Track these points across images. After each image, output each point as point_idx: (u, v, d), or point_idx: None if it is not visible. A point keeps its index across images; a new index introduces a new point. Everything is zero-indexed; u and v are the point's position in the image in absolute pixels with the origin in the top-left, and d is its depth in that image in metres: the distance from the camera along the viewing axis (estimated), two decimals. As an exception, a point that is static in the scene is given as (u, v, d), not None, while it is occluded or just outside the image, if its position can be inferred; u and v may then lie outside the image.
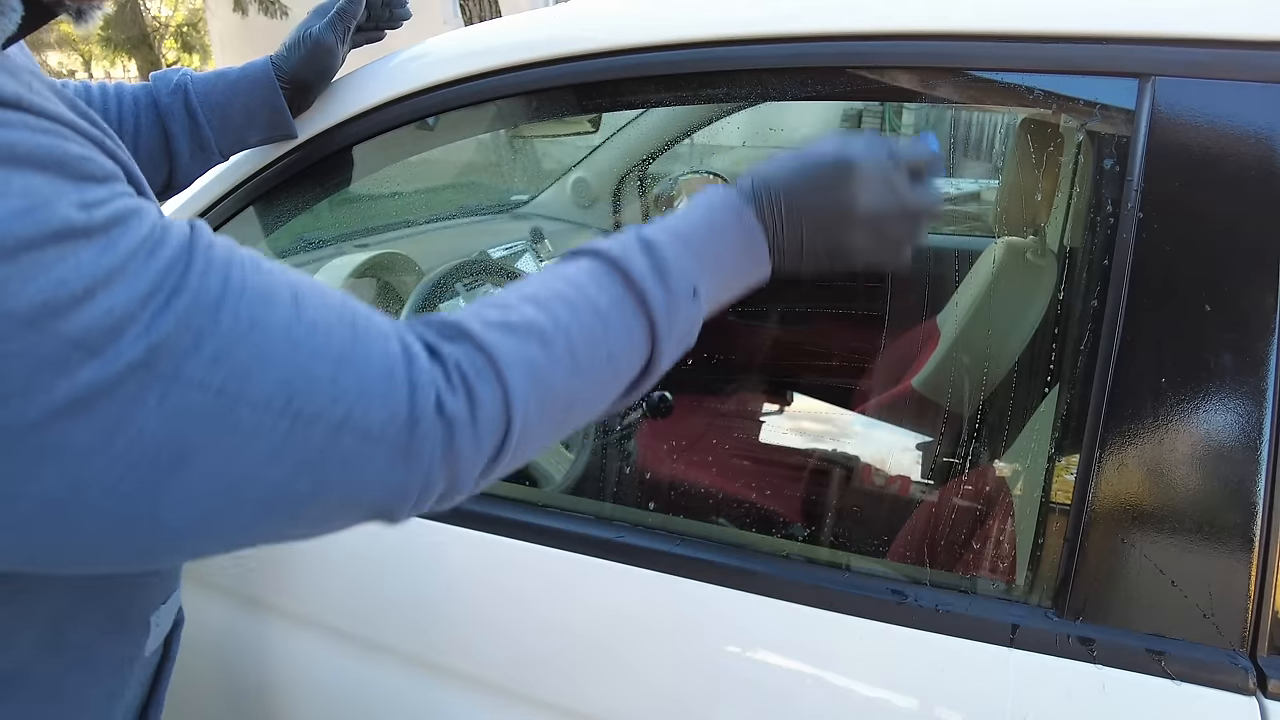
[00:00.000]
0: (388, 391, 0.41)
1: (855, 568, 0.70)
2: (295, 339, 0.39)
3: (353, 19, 0.85)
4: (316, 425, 0.39)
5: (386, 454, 0.41)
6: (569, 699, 0.74)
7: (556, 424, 0.49)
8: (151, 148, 0.83)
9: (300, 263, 1.37)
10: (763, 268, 0.57)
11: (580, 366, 0.48)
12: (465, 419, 0.43)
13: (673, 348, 0.53)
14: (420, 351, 0.44)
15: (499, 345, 0.45)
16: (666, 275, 0.51)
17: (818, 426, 1.38)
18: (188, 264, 0.38)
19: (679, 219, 0.56)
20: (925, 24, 0.64)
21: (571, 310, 0.49)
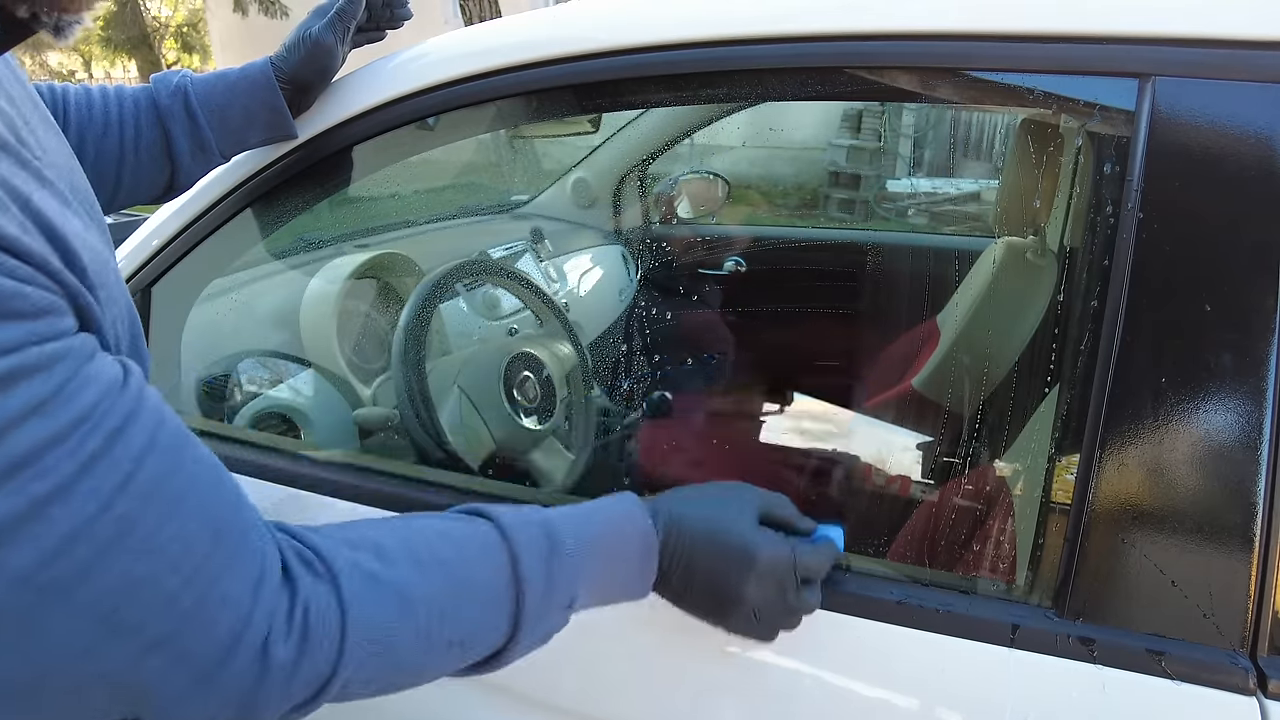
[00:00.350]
0: (219, 619, 0.40)
1: (855, 568, 0.70)
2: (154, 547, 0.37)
3: (352, 19, 0.85)
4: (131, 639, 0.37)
5: (188, 682, 0.39)
6: (568, 699, 0.74)
7: (377, 688, 0.48)
8: (153, 150, 0.83)
9: (300, 263, 1.37)
10: (642, 592, 0.60)
11: (430, 646, 0.48)
12: (286, 668, 0.42)
13: (524, 648, 0.54)
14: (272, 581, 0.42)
15: (356, 601, 0.44)
16: (553, 582, 0.52)
17: (817, 426, 1.38)
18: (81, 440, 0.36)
19: (594, 523, 0.57)
20: (925, 24, 0.64)
21: (447, 587, 0.48)
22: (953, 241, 2.10)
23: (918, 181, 3.32)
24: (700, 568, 0.59)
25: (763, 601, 0.59)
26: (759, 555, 0.59)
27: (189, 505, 0.40)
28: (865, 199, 3.59)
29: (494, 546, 0.52)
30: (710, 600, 0.60)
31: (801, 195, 3.90)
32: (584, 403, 1.31)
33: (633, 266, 1.96)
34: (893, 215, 3.30)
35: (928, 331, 1.50)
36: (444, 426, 1.07)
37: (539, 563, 0.52)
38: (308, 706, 0.44)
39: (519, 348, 1.26)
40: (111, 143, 0.80)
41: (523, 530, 0.53)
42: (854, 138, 3.99)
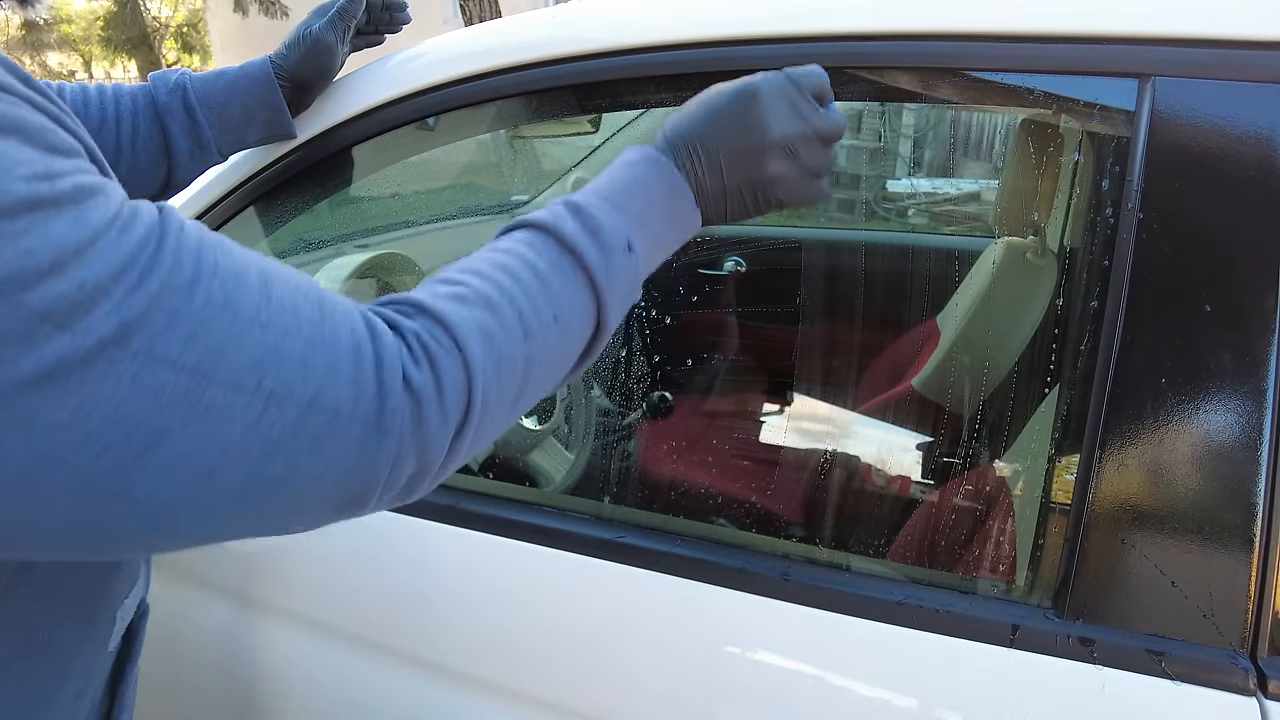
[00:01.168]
0: (356, 368, 0.41)
1: (855, 568, 0.70)
2: (265, 319, 0.39)
3: (352, 18, 0.85)
4: (289, 405, 0.39)
5: (358, 431, 0.41)
6: (568, 699, 0.74)
7: (515, 393, 0.49)
8: (150, 148, 0.83)
9: (300, 263, 1.37)
10: (692, 215, 0.58)
11: (530, 330, 0.49)
12: (432, 391, 0.43)
13: (617, 304, 0.54)
14: (383, 328, 0.44)
15: (453, 315, 0.46)
16: (599, 233, 0.52)
17: (817, 427, 1.38)
18: (160, 243, 0.37)
19: (603, 181, 0.57)
20: (925, 24, 0.64)
21: (514, 278, 0.50)
22: (953, 241, 2.10)
23: (918, 181, 3.32)
24: (719, 144, 0.57)
25: (789, 132, 0.57)
26: (755, 87, 0.57)
27: (277, 281, 0.42)
28: (865, 199, 3.59)
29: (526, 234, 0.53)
30: (747, 170, 0.57)
31: (801, 195, 3.89)
32: (584, 403, 1.31)
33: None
34: (893, 215, 3.30)
35: (928, 331, 1.50)
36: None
37: (569, 219, 0.53)
38: (464, 435, 0.46)
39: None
40: (108, 139, 0.80)
41: (540, 211, 0.54)
42: (854, 138, 3.99)
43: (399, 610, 0.81)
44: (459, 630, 0.78)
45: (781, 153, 0.57)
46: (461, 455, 0.47)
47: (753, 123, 0.57)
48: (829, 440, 1.33)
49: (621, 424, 1.40)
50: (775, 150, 0.57)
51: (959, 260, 1.60)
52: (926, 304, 1.51)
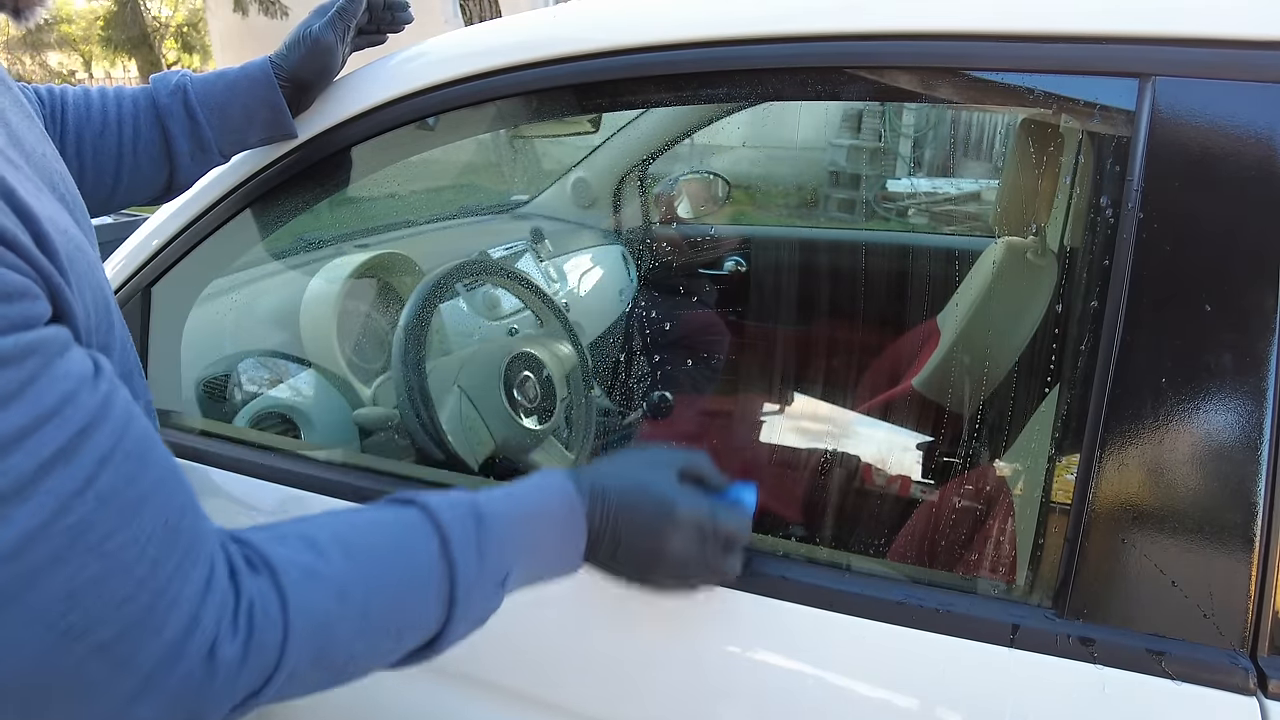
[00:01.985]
0: (169, 622, 0.40)
1: (856, 568, 0.70)
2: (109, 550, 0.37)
3: (353, 18, 0.85)
4: (80, 641, 0.37)
5: (135, 685, 0.39)
6: (568, 699, 0.74)
7: (319, 680, 0.48)
8: (152, 150, 0.83)
9: (300, 263, 1.37)
10: (574, 564, 0.61)
11: (368, 630, 0.48)
12: (232, 667, 0.42)
13: (461, 632, 0.54)
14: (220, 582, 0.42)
15: (296, 593, 0.45)
16: (484, 559, 0.53)
17: (817, 426, 1.38)
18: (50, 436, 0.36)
19: (520, 499, 0.58)
20: (925, 24, 0.64)
21: (381, 574, 0.49)
22: (953, 241, 2.10)
23: (918, 181, 3.31)
24: (626, 528, 0.61)
25: (685, 554, 0.61)
26: (678, 506, 0.61)
27: (147, 510, 0.40)
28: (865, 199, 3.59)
29: (424, 530, 0.53)
30: (637, 559, 0.61)
31: (801, 195, 3.90)
32: (584, 403, 1.31)
33: (633, 266, 1.97)
34: (893, 215, 3.30)
35: (928, 331, 1.50)
36: (444, 426, 1.07)
37: (469, 542, 0.53)
38: (249, 704, 0.45)
39: (519, 348, 1.26)
40: (110, 142, 0.80)
41: (450, 512, 0.54)
42: (854, 138, 3.99)
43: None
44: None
45: (671, 564, 0.61)
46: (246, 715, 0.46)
47: (661, 533, 0.60)
48: (829, 440, 1.33)
49: (622, 424, 1.40)
50: (667, 560, 0.61)
51: (959, 260, 1.60)
52: (927, 304, 1.51)
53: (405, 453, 1.10)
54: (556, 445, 1.27)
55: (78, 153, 0.79)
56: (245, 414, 1.12)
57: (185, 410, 1.06)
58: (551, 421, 1.25)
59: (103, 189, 0.81)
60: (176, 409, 1.04)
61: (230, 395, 1.15)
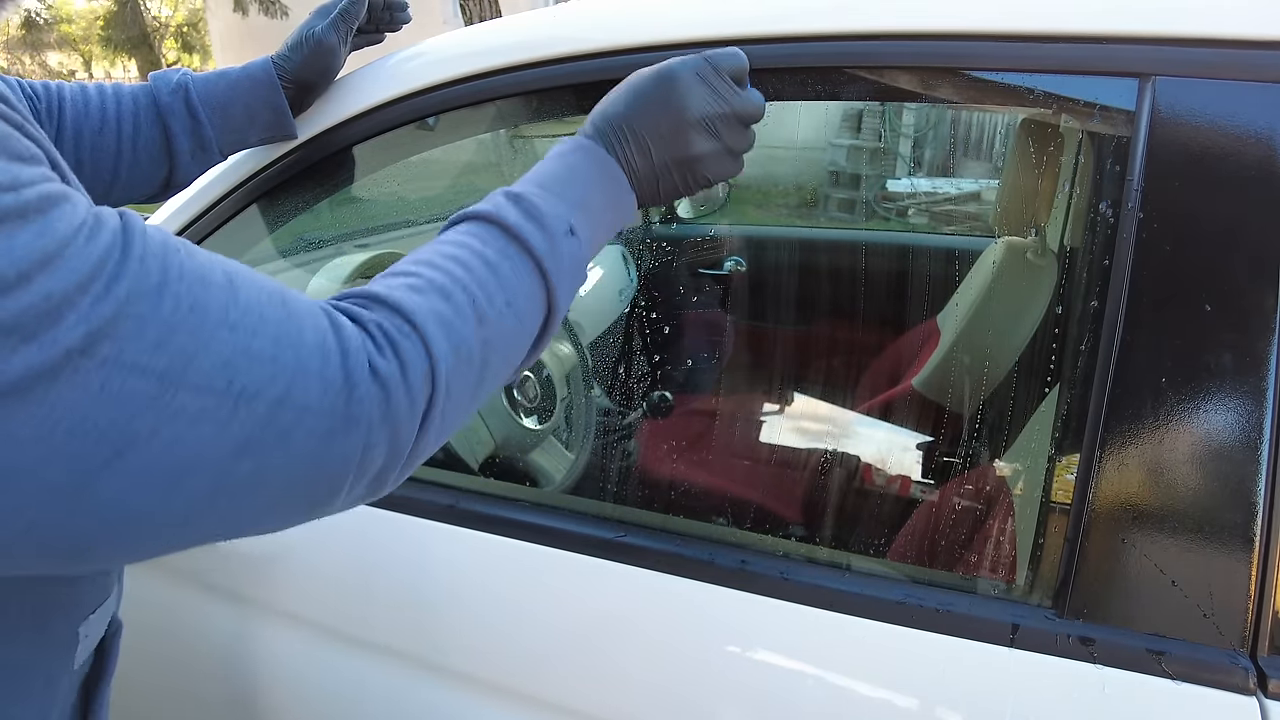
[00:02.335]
0: (323, 362, 0.41)
1: (856, 568, 0.70)
2: (234, 320, 0.39)
3: (355, 20, 0.85)
4: (258, 403, 0.39)
5: (326, 424, 0.41)
6: (568, 699, 0.74)
7: (475, 378, 0.50)
8: (152, 148, 0.83)
9: (300, 262, 1.37)
10: (627, 196, 0.60)
11: (484, 316, 0.50)
12: (398, 379, 0.44)
13: (566, 287, 0.55)
14: (345, 321, 0.44)
15: (410, 304, 0.47)
16: (540, 219, 0.54)
17: (817, 426, 1.38)
18: (125, 249, 0.37)
19: (537, 171, 0.59)
20: (925, 24, 0.64)
21: (464, 266, 0.51)
22: (953, 241, 2.10)
23: (918, 181, 3.32)
24: (644, 126, 0.59)
25: (709, 111, 0.59)
26: (672, 67, 0.60)
27: (243, 282, 0.42)
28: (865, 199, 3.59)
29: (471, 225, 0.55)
30: (672, 148, 0.60)
31: (801, 195, 3.90)
32: (584, 403, 1.31)
33: (633, 266, 1.97)
34: (893, 215, 3.30)
35: (928, 331, 1.50)
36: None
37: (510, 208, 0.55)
38: (429, 423, 0.46)
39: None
40: (109, 139, 0.80)
41: (481, 203, 0.56)
42: (854, 138, 3.99)
43: (398, 611, 0.81)
44: (459, 630, 0.78)
45: (703, 131, 0.59)
46: (429, 444, 0.48)
47: (673, 104, 0.59)
48: (829, 440, 1.33)
49: (621, 423, 1.40)
50: (696, 129, 0.59)
51: (959, 260, 1.60)
52: (927, 304, 1.51)
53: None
54: (556, 445, 1.27)
55: (75, 148, 0.79)
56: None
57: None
58: (551, 421, 1.25)
59: (100, 185, 0.81)
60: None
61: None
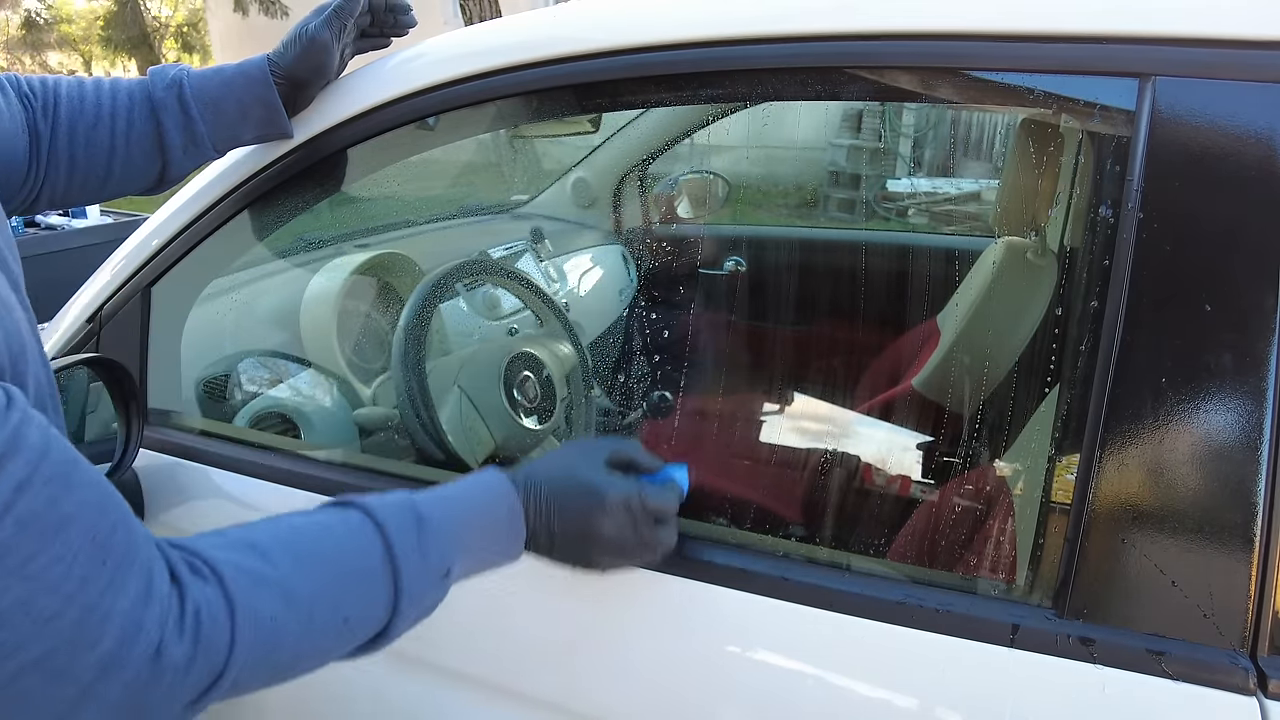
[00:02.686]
0: (104, 634, 0.41)
1: (855, 568, 0.70)
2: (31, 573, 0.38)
3: (349, 17, 0.85)
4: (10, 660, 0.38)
5: (74, 695, 0.40)
6: (568, 699, 0.74)
7: (270, 677, 0.50)
8: (144, 143, 0.83)
9: (300, 263, 1.37)
10: (516, 552, 0.64)
11: (315, 629, 0.50)
12: (180, 668, 0.43)
13: (409, 621, 0.57)
14: (160, 590, 0.43)
15: (243, 596, 0.46)
16: (426, 555, 0.56)
17: (817, 426, 1.38)
18: None
19: (458, 498, 0.61)
20: (925, 24, 0.64)
21: (326, 572, 0.51)
22: (953, 241, 2.10)
23: (918, 181, 3.32)
24: (560, 517, 0.64)
25: (619, 536, 0.64)
26: (607, 492, 0.64)
27: (72, 530, 0.41)
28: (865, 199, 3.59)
29: (367, 531, 0.55)
30: (574, 545, 0.65)
31: (801, 195, 3.90)
32: (584, 403, 1.31)
33: (633, 266, 1.97)
34: (893, 215, 3.30)
35: (928, 331, 1.50)
36: (444, 426, 1.07)
37: (410, 540, 0.56)
38: (200, 702, 0.46)
39: (519, 347, 1.26)
40: (102, 134, 0.81)
41: (391, 512, 0.57)
42: (854, 138, 3.99)
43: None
44: (458, 630, 0.78)
45: (609, 545, 0.64)
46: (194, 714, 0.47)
47: (592, 518, 0.64)
48: (829, 440, 1.33)
49: (621, 423, 1.40)
50: (604, 544, 0.64)
51: (959, 260, 1.60)
52: (926, 304, 1.51)
53: (405, 453, 1.10)
54: (556, 445, 1.27)
55: (69, 143, 0.80)
56: (245, 414, 1.12)
57: (185, 410, 1.06)
58: (551, 421, 1.25)
59: (94, 179, 0.82)
60: (176, 409, 1.04)
61: (230, 395, 1.15)
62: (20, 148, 0.75)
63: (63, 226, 3.25)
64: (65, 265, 2.83)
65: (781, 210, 3.63)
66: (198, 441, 0.97)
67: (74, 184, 0.81)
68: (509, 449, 1.20)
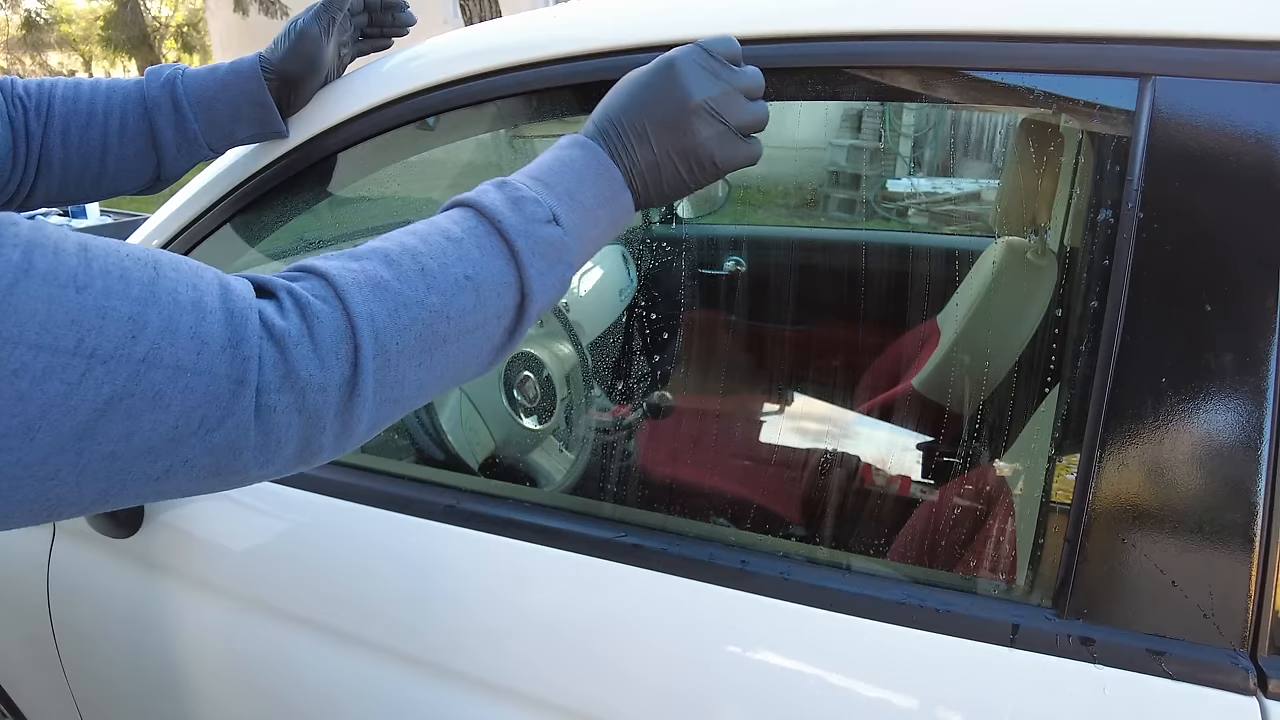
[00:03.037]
0: (196, 320, 0.42)
1: (856, 568, 0.70)
2: (83, 282, 0.40)
3: (338, 10, 0.84)
4: (117, 364, 0.39)
5: (205, 383, 0.41)
6: (568, 699, 0.74)
7: (424, 349, 0.49)
8: (139, 142, 0.83)
9: (300, 263, 1.37)
10: (624, 194, 0.60)
11: (434, 284, 0.49)
12: (298, 337, 0.44)
13: (543, 274, 0.55)
14: (239, 284, 0.45)
15: (333, 269, 0.47)
16: (519, 203, 0.54)
17: (818, 426, 1.38)
18: None
19: (532, 164, 0.59)
20: (925, 24, 0.64)
21: (420, 238, 0.51)
22: (953, 241, 2.10)
23: (918, 181, 3.32)
24: (645, 118, 0.59)
25: (712, 95, 0.59)
26: (670, 56, 0.59)
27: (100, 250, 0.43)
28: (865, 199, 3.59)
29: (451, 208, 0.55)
30: (676, 139, 0.59)
31: (801, 195, 3.90)
32: (584, 403, 1.31)
33: (633, 266, 1.97)
34: (893, 215, 3.30)
35: (928, 331, 1.50)
36: (444, 426, 1.07)
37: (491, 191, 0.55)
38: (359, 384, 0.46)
39: (519, 347, 1.26)
40: (95, 134, 0.81)
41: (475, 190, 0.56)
42: (854, 137, 3.99)
43: (399, 610, 0.81)
44: (459, 630, 0.79)
45: (707, 115, 0.59)
46: (366, 413, 0.47)
47: (675, 91, 0.58)
48: (829, 440, 1.33)
49: (621, 423, 1.40)
50: (700, 113, 0.58)
51: (959, 260, 1.60)
52: (927, 304, 1.51)
53: (405, 452, 1.10)
54: (556, 445, 1.27)
55: (63, 143, 0.80)
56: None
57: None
58: (551, 421, 1.25)
59: (89, 177, 0.82)
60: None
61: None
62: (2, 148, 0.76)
63: (63, 226, 3.26)
64: (65, 265, 2.82)
65: (781, 210, 3.63)
66: (198, 441, 0.97)
67: (69, 182, 0.81)
68: (509, 449, 1.20)
